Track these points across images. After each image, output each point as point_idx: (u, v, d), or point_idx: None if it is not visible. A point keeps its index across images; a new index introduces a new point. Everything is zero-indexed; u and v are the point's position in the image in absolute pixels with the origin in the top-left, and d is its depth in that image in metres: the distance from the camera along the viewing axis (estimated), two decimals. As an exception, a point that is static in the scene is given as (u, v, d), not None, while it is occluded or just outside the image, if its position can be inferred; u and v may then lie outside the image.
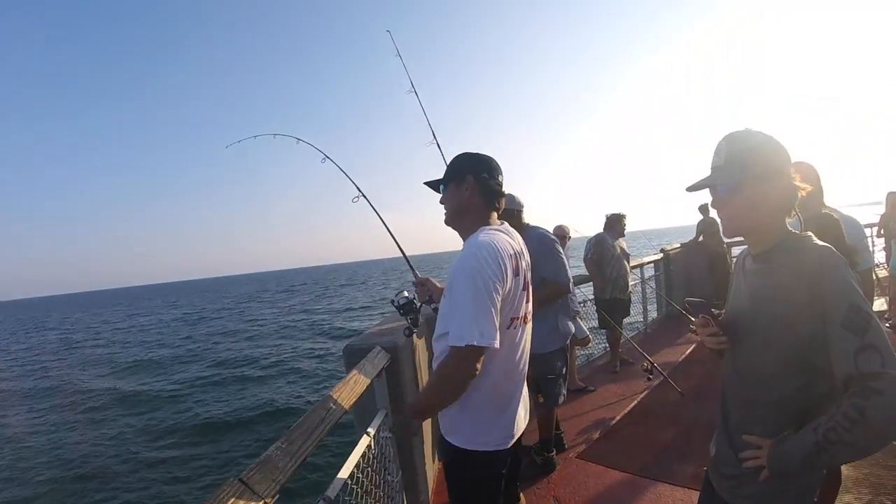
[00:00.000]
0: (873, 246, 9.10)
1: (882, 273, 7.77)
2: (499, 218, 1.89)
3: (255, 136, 3.36)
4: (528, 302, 1.84)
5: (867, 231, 9.78)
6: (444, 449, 1.82)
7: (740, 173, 1.26)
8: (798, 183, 1.26)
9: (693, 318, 1.43)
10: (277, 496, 1.15)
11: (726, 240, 7.78)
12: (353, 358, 2.37)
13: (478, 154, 1.88)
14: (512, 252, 1.72)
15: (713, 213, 7.26)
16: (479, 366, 1.57)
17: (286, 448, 1.28)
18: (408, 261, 2.61)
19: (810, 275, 1.15)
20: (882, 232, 7.20)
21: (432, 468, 3.13)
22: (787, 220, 1.31)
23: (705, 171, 1.36)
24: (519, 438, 1.87)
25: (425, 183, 1.97)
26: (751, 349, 1.30)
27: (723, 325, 1.37)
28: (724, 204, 1.31)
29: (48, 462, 9.86)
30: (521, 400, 1.86)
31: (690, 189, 1.37)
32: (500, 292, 1.62)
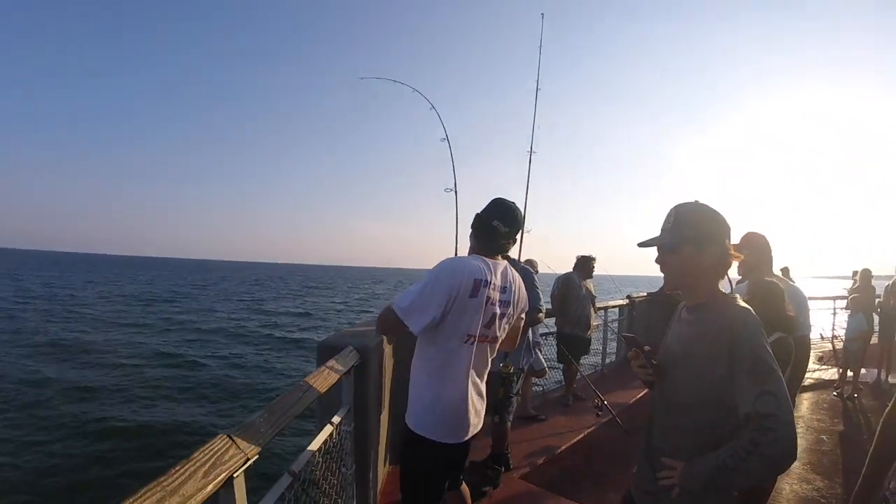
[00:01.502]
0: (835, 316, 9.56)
1: (839, 345, 8.16)
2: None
3: (394, 81, 3.48)
4: (489, 327, 2.10)
5: (831, 303, 10.24)
6: (403, 429, 2.14)
7: (680, 237, 1.51)
8: (732, 252, 1.51)
9: (628, 352, 1.68)
10: (257, 456, 1.33)
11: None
12: (324, 354, 2.54)
13: (503, 201, 2.22)
14: (480, 278, 2.01)
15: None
16: (395, 330, 2.01)
17: (267, 417, 1.47)
18: None
19: (728, 329, 1.39)
20: (848, 305, 7.54)
21: (383, 470, 3.29)
22: (721, 282, 1.55)
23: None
24: (467, 444, 2.15)
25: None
26: (674, 384, 1.54)
27: (651, 360, 1.61)
28: (664, 262, 1.57)
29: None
30: (470, 408, 2.09)
31: (641, 245, 1.62)
32: (444, 301, 1.94)
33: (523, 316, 2.35)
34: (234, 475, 1.25)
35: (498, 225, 2.13)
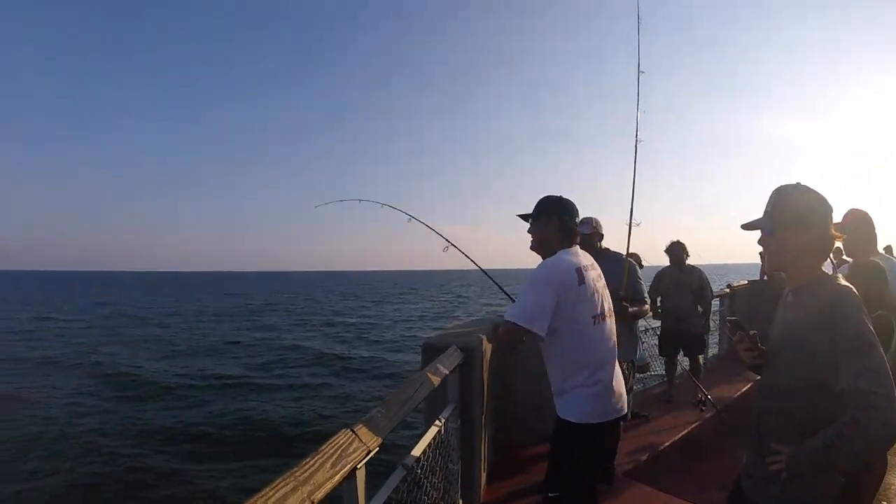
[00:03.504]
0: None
1: None
2: (579, 242, 2.39)
3: (341, 200, 3.81)
4: (605, 301, 2.33)
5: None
6: (556, 422, 2.28)
7: (780, 219, 1.52)
8: (834, 233, 1.50)
9: (732, 336, 1.70)
10: (378, 449, 1.45)
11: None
12: (429, 353, 2.67)
13: (562, 198, 2.39)
14: (579, 266, 2.22)
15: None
16: (521, 339, 2.23)
17: (385, 412, 1.60)
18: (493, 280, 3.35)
19: (829, 307, 1.39)
20: None
21: (486, 467, 3.37)
22: (824, 263, 1.54)
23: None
24: (617, 423, 2.41)
25: (518, 215, 2.52)
26: (780, 368, 1.54)
27: (757, 342, 1.64)
28: (765, 243, 1.60)
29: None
30: (614, 385, 2.28)
31: (744, 227, 1.65)
32: (562, 296, 2.12)
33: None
34: (357, 466, 1.37)
35: (568, 220, 2.33)
